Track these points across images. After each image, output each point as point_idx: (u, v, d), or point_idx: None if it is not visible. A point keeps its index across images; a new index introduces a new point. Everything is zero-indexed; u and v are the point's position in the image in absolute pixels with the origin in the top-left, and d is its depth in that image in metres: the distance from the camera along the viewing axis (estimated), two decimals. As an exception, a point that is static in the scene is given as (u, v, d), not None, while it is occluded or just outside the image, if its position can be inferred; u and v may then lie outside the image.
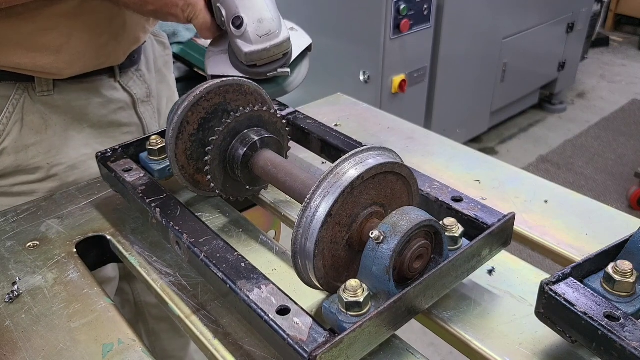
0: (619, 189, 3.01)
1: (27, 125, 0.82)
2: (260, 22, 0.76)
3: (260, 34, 0.76)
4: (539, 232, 0.71)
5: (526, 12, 3.05)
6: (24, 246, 0.68)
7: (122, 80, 0.92)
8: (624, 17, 5.13)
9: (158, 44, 1.05)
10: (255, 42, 0.76)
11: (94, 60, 0.85)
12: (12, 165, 0.83)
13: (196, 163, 0.70)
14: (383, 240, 0.49)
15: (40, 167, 0.84)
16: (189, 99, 0.66)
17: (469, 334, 0.56)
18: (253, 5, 0.76)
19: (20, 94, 0.81)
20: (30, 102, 0.82)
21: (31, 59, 0.78)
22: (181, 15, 0.76)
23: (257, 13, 0.76)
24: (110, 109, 0.90)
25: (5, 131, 0.81)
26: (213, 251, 0.57)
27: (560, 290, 0.49)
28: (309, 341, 0.46)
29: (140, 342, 0.55)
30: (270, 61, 0.79)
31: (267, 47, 0.76)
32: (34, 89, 0.82)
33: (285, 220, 0.76)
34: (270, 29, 0.76)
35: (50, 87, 0.83)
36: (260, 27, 0.76)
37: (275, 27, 0.76)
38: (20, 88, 0.81)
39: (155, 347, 1.24)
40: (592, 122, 3.71)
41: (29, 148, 0.83)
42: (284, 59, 0.80)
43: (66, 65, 0.81)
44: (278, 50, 0.78)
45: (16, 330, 0.56)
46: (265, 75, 0.80)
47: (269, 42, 0.76)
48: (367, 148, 0.54)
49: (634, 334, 0.45)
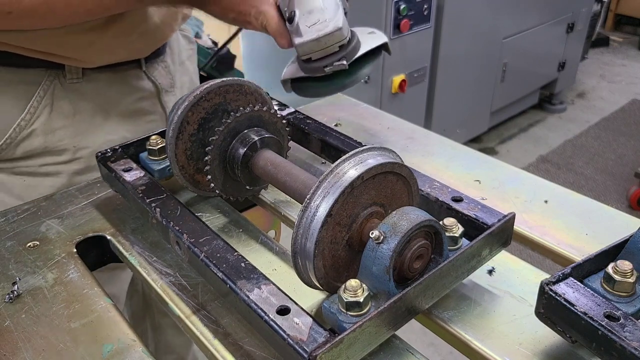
0: (619, 189, 3.01)
1: (56, 109, 0.85)
2: (309, 12, 0.74)
3: (309, 23, 0.73)
4: (539, 232, 0.71)
5: (526, 12, 3.05)
6: (24, 246, 0.68)
7: (148, 70, 0.95)
8: (624, 17, 5.13)
9: (183, 37, 1.08)
10: (305, 33, 0.74)
11: (122, 53, 0.88)
12: (41, 147, 0.86)
13: (196, 163, 0.70)
14: (383, 240, 0.49)
15: (67, 149, 0.88)
16: (189, 99, 0.66)
17: (469, 334, 0.56)
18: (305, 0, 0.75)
19: (51, 80, 0.84)
20: (60, 89, 0.85)
21: (63, 50, 0.81)
22: (255, 23, 0.77)
23: (308, 5, 0.74)
24: (135, 97, 0.94)
25: (35, 114, 0.84)
26: (213, 251, 0.57)
27: (560, 290, 0.49)
28: (309, 341, 0.46)
29: (140, 342, 0.55)
30: (325, 54, 0.76)
31: (315, 37, 0.73)
32: (64, 76, 0.85)
33: (285, 220, 0.76)
34: (319, 18, 0.73)
35: (80, 75, 0.86)
36: (309, 18, 0.74)
37: (325, 17, 0.74)
38: (52, 75, 0.84)
39: (159, 342, 1.25)
40: (592, 122, 3.71)
41: (56, 131, 0.86)
42: (341, 52, 0.76)
43: (96, 56, 0.85)
44: (330, 40, 0.74)
45: (16, 330, 0.56)
46: (323, 71, 0.77)
47: (317, 32, 0.73)
48: (367, 148, 0.54)
49: (634, 334, 0.45)
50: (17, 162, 0.86)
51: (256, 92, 0.72)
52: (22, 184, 0.87)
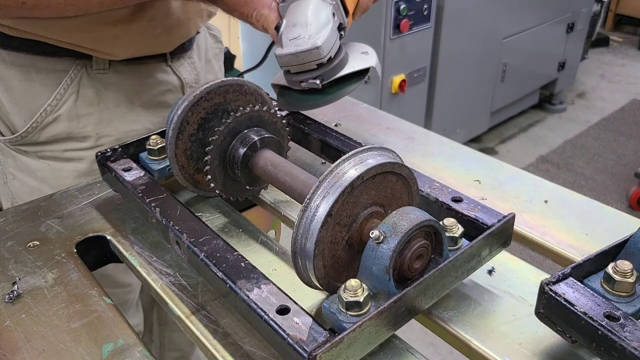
0: (619, 189, 3.01)
1: (81, 97, 0.88)
2: (293, 25, 0.73)
3: (290, 37, 0.73)
4: (539, 232, 0.71)
5: (526, 12, 3.05)
6: (24, 246, 0.68)
7: (173, 64, 0.98)
8: (624, 17, 5.13)
9: (210, 36, 1.11)
10: (285, 45, 0.73)
11: (147, 47, 0.91)
12: (65, 132, 0.89)
13: (196, 163, 0.70)
14: (383, 240, 0.49)
15: (90, 136, 0.90)
16: (189, 99, 0.66)
17: (469, 334, 0.56)
18: (297, 10, 0.74)
19: (79, 69, 0.87)
20: (86, 78, 0.88)
21: (90, 43, 0.84)
22: (257, 24, 0.79)
23: (294, 17, 0.74)
24: (160, 90, 0.96)
25: (61, 100, 0.87)
26: (213, 251, 0.57)
27: (560, 290, 0.49)
28: (308, 340, 0.46)
29: (140, 342, 0.55)
30: (302, 70, 0.76)
31: (292, 51, 0.73)
32: (91, 66, 0.88)
33: (285, 220, 0.76)
34: (300, 33, 0.72)
35: (106, 66, 0.88)
36: (292, 31, 0.73)
37: (307, 33, 0.72)
38: (79, 64, 0.87)
39: (164, 337, 1.25)
40: (592, 122, 3.71)
41: (81, 118, 0.89)
42: (318, 71, 0.76)
43: (122, 49, 0.87)
44: (307, 57, 0.73)
45: (16, 330, 0.56)
46: (298, 85, 0.77)
47: (295, 47, 0.73)
48: (367, 148, 0.54)
49: (634, 334, 0.45)
50: (42, 146, 0.90)
51: (256, 92, 0.72)
52: (46, 168, 0.91)
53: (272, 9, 0.78)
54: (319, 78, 0.76)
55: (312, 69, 0.76)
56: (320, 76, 0.76)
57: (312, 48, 0.72)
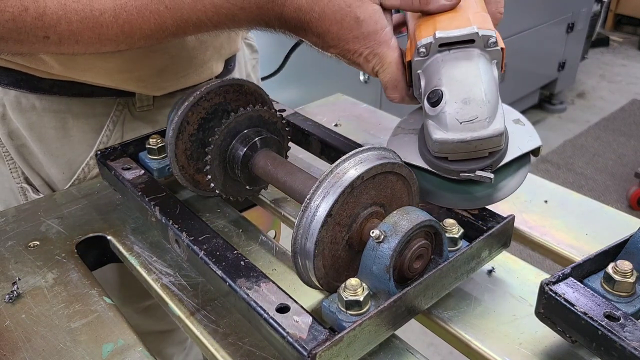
0: (619, 189, 3.01)
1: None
2: (466, 102, 0.55)
3: (462, 119, 0.55)
4: (539, 232, 0.71)
5: (526, 12, 3.05)
6: (24, 246, 0.68)
7: None
8: (624, 17, 5.13)
9: (247, 46, 1.02)
10: (452, 128, 0.55)
11: (196, 75, 0.82)
12: None
13: (196, 163, 0.70)
14: (384, 240, 0.49)
15: None
16: (189, 99, 0.66)
17: (469, 334, 0.56)
18: (463, 79, 0.56)
19: (121, 110, 0.78)
20: (130, 118, 0.79)
21: (134, 83, 0.75)
22: (365, 65, 0.61)
23: (464, 90, 0.55)
24: None
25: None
26: (212, 249, 0.57)
27: (560, 290, 0.49)
28: (308, 339, 0.46)
29: (140, 342, 0.55)
30: (468, 157, 0.57)
31: (466, 138, 0.55)
32: (134, 103, 0.79)
33: (285, 220, 0.76)
34: (477, 114, 0.54)
35: (150, 101, 0.80)
36: (463, 110, 0.55)
37: (485, 114, 0.55)
38: (121, 103, 0.78)
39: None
40: (592, 122, 3.71)
41: None
42: (489, 160, 0.57)
43: (169, 83, 0.79)
44: (483, 146, 0.56)
45: (16, 330, 0.56)
46: (456, 175, 0.58)
47: (470, 133, 0.55)
48: (367, 148, 0.54)
49: (634, 334, 0.45)
50: None
51: (256, 92, 0.72)
52: None
53: (391, 48, 0.59)
54: (489, 168, 0.58)
55: (482, 156, 0.57)
56: (490, 166, 0.58)
57: (494, 135, 0.55)
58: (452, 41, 0.56)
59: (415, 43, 0.58)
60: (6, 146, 0.79)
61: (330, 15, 0.56)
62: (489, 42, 0.57)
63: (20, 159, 0.80)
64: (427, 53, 0.57)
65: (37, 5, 0.51)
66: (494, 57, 0.58)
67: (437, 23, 0.58)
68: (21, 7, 0.51)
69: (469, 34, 0.56)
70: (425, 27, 0.58)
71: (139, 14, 0.55)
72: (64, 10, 0.52)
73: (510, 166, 0.61)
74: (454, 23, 0.57)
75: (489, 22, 0.59)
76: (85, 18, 0.53)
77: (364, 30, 0.57)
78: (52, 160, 0.79)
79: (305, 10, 0.56)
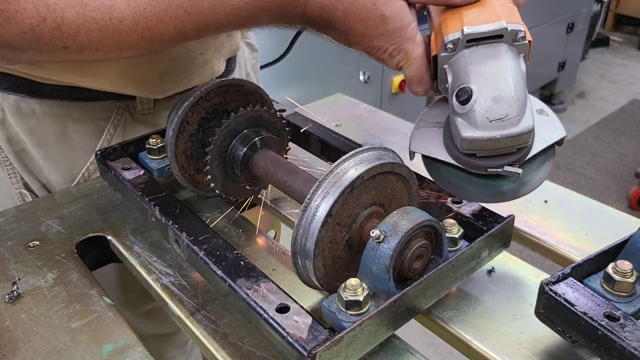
0: (619, 189, 3.01)
1: None
2: (496, 101, 0.54)
3: (492, 117, 0.54)
4: (539, 232, 0.71)
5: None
6: (24, 246, 0.68)
7: None
8: (624, 17, 5.13)
9: (246, 45, 1.02)
10: (482, 126, 0.54)
11: (198, 76, 0.81)
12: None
13: (196, 163, 0.70)
14: (384, 239, 0.49)
15: None
16: (189, 99, 0.66)
17: (469, 334, 0.56)
18: (492, 76, 0.54)
19: (122, 113, 0.78)
20: (131, 122, 0.79)
21: (135, 86, 0.75)
22: (390, 61, 0.60)
23: (494, 88, 0.54)
24: None
25: None
26: (212, 249, 0.57)
27: (560, 290, 0.49)
28: (308, 339, 0.46)
29: (140, 342, 0.55)
30: (496, 154, 0.56)
31: (496, 136, 0.54)
32: (134, 107, 0.79)
33: (285, 220, 0.76)
34: (507, 112, 0.53)
35: (151, 104, 0.80)
36: (494, 109, 0.53)
37: (515, 112, 0.54)
38: (121, 107, 0.77)
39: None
40: (592, 122, 3.71)
41: None
42: (517, 155, 0.57)
43: (171, 85, 0.78)
44: (512, 143, 0.55)
45: (16, 330, 0.56)
46: (484, 170, 0.58)
47: (500, 131, 0.54)
48: (367, 148, 0.54)
49: (634, 334, 0.45)
50: None
51: (256, 92, 0.72)
52: None
53: (417, 44, 0.58)
54: (517, 163, 0.57)
55: (510, 152, 0.57)
56: (517, 161, 0.57)
57: (524, 132, 0.54)
58: (480, 37, 0.55)
59: (441, 38, 0.57)
60: (5, 151, 0.79)
61: (354, 13, 0.55)
62: (518, 37, 0.56)
63: (19, 164, 0.79)
64: (455, 49, 0.56)
65: (55, 16, 0.51)
66: (521, 51, 0.57)
67: (463, 17, 0.56)
68: (39, 18, 0.51)
69: (498, 30, 0.55)
70: (451, 21, 0.57)
71: (159, 20, 0.54)
72: (82, 19, 0.52)
73: (535, 159, 0.60)
74: (481, 17, 0.55)
75: (517, 14, 0.57)
76: (104, 27, 0.53)
77: (390, 27, 0.57)
78: (52, 165, 0.78)
79: (328, 9, 0.55)
